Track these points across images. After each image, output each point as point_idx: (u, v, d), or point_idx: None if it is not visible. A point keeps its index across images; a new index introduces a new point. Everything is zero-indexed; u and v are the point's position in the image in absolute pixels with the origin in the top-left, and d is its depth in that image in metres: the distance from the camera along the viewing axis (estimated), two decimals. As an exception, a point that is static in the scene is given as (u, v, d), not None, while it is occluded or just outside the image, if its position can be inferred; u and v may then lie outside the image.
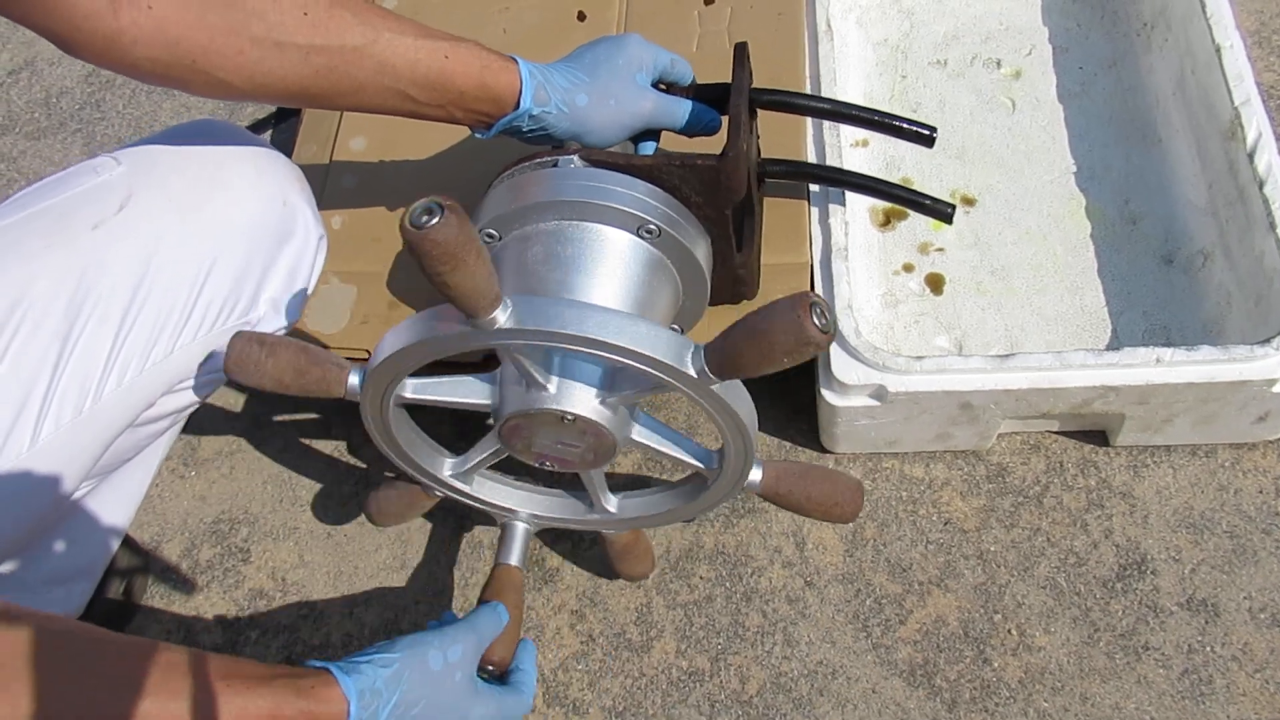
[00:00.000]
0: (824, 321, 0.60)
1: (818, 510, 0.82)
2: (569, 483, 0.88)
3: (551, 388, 0.73)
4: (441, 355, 0.70)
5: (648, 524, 0.89)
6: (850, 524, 0.96)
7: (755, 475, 0.80)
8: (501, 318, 0.65)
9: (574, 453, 0.78)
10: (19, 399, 0.68)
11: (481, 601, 0.80)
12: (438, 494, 0.88)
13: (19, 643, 0.52)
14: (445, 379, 0.76)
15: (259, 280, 0.79)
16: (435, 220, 0.58)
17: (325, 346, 0.95)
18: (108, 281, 0.72)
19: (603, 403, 0.74)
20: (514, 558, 0.86)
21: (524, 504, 0.88)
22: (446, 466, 0.85)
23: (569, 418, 0.73)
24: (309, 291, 0.84)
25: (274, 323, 0.81)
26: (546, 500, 0.89)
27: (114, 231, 0.73)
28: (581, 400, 0.73)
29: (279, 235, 0.80)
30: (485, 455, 0.83)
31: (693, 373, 0.66)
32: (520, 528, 0.88)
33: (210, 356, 0.78)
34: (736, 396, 0.71)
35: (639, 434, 0.78)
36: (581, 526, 0.90)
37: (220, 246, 0.76)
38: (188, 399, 0.80)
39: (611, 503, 0.87)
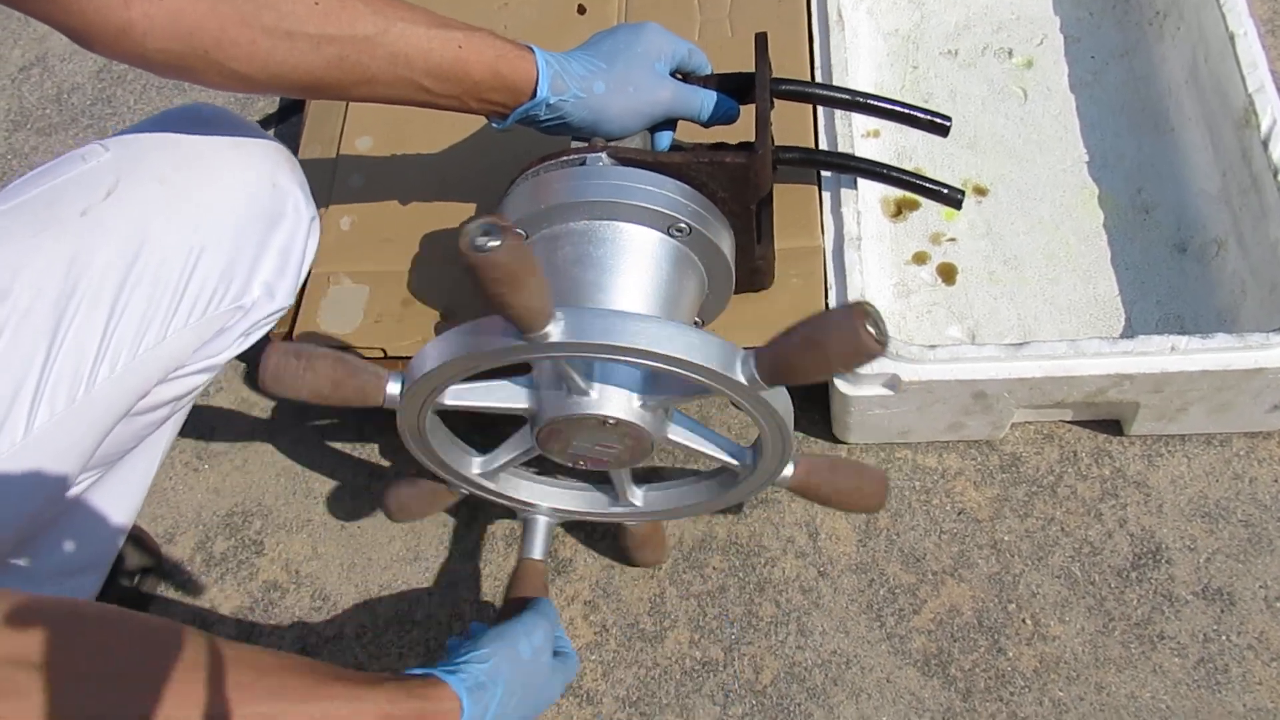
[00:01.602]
0: (879, 331, 0.60)
1: (845, 501, 0.82)
2: (593, 476, 0.88)
3: (593, 393, 0.72)
4: (489, 367, 0.69)
5: (672, 516, 0.89)
6: (872, 513, 0.96)
7: (788, 470, 0.80)
8: (554, 332, 0.64)
9: (611, 453, 0.78)
10: (11, 388, 0.68)
11: (511, 598, 0.84)
12: (461, 491, 0.87)
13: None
14: (484, 384, 0.76)
15: (251, 264, 0.78)
16: (496, 242, 0.56)
17: (340, 347, 0.95)
18: (97, 268, 0.71)
19: (643, 405, 0.74)
20: (537, 551, 0.88)
21: (550, 499, 0.88)
22: (475, 465, 0.85)
23: (610, 421, 0.73)
24: (303, 274, 0.83)
25: (268, 307, 0.80)
26: (571, 494, 0.89)
27: (102, 218, 0.72)
28: (622, 404, 0.73)
29: (270, 218, 0.79)
30: (515, 454, 0.82)
31: (743, 380, 0.66)
32: (542, 521, 0.89)
33: (205, 343, 0.77)
34: (776, 397, 0.70)
35: (676, 434, 0.78)
36: (605, 519, 0.90)
37: (210, 231, 0.75)
38: (184, 387, 0.79)
39: (637, 496, 0.87)
